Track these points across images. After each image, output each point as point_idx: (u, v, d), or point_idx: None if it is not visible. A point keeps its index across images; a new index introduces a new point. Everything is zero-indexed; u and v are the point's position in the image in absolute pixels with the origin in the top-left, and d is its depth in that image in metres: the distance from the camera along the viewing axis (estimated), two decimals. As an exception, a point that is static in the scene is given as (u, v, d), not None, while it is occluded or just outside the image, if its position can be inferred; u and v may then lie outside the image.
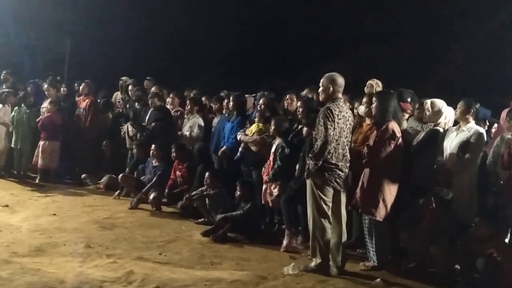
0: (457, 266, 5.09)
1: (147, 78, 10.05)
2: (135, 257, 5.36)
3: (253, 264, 5.41)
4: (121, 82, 10.27)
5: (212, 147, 7.68)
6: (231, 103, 7.47)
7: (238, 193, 6.59)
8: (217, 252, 5.79)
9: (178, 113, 8.74)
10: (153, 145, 7.90)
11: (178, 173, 7.76)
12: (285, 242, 5.94)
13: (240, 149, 7.14)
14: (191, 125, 8.13)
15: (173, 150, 7.74)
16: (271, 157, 6.47)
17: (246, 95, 7.89)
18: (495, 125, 6.27)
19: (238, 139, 7.17)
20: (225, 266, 5.32)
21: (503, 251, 4.76)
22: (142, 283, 4.63)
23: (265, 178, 6.51)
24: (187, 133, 8.10)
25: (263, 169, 6.59)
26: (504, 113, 5.46)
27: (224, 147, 7.37)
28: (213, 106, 8.14)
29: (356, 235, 5.90)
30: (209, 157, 7.66)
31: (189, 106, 8.25)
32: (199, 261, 5.45)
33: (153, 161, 7.95)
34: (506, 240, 5.03)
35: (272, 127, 6.50)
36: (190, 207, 7.24)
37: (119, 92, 10.31)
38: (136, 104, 9.19)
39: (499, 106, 6.40)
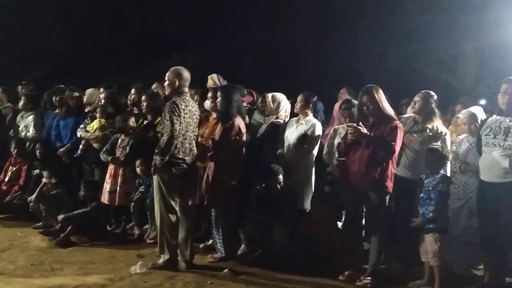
0: (297, 250, 5.40)
1: None
2: (-40, 271, 4.81)
3: (98, 267, 5.17)
4: None
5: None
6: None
7: (82, 193, 6.24)
8: (57, 257, 5.43)
9: (7, 110, 7.98)
10: None
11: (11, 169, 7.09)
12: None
13: (80, 146, 6.79)
14: (26, 124, 7.50)
15: (13, 146, 7.14)
16: (119, 153, 6.28)
17: (92, 89, 7.52)
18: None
19: (79, 136, 6.81)
20: (67, 271, 5.02)
21: (336, 233, 5.19)
22: (-31, 299, 4.17)
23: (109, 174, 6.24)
24: (23, 133, 7.45)
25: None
26: (337, 106, 5.90)
27: (69, 144, 6.97)
28: (54, 102, 7.59)
29: (204, 228, 5.95)
30: (50, 156, 7.14)
31: (22, 103, 7.58)
32: (38, 268, 5.07)
33: None
34: (340, 223, 5.44)
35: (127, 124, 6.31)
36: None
37: None
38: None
39: (331, 99, 6.93)
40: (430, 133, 5.01)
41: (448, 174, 5.02)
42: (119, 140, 6.37)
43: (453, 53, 11.70)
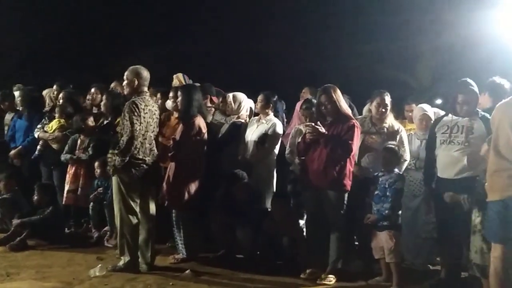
0: (259, 249, 5.42)
1: None
2: None
3: (56, 270, 5.06)
4: None
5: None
6: (18, 99, 6.93)
7: (36, 197, 6.10)
8: (13, 262, 5.28)
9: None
10: None
11: None
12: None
13: (38, 147, 6.64)
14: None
15: None
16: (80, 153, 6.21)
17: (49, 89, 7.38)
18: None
19: (36, 136, 6.66)
20: (23, 275, 4.88)
21: (298, 232, 5.23)
22: None
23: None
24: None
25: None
26: (298, 105, 5.94)
27: (20, 147, 6.77)
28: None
29: (165, 228, 5.89)
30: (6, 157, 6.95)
31: None
32: (-7, 273, 4.91)
33: None
34: (302, 222, 5.49)
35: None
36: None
37: None
38: None
39: (293, 98, 6.98)
40: (387, 132, 5.12)
41: (402, 172, 5.10)
42: (79, 141, 6.26)
43: (410, 54, 11.99)
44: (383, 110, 5.13)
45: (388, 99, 5.15)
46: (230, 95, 5.89)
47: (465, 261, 4.58)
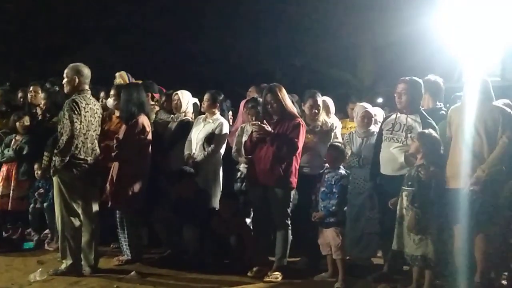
0: (207, 249, 5.39)
1: None
2: None
3: (-8, 276, 4.86)
4: None
5: None
6: None
7: None
8: None
9: None
10: None
11: None
12: None
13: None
14: None
15: None
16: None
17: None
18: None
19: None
20: (-44, 283, 4.67)
21: (245, 230, 5.24)
22: None
23: None
24: None
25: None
26: (242, 104, 5.95)
27: None
28: None
29: (109, 229, 5.76)
30: None
31: None
32: None
33: None
34: (248, 220, 5.51)
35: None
36: None
37: None
38: None
39: (239, 97, 6.98)
40: (322, 130, 5.24)
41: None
42: (13, 140, 6.03)
43: (352, 54, 12.26)
44: (316, 111, 5.27)
45: (320, 99, 5.30)
46: (178, 92, 5.87)
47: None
